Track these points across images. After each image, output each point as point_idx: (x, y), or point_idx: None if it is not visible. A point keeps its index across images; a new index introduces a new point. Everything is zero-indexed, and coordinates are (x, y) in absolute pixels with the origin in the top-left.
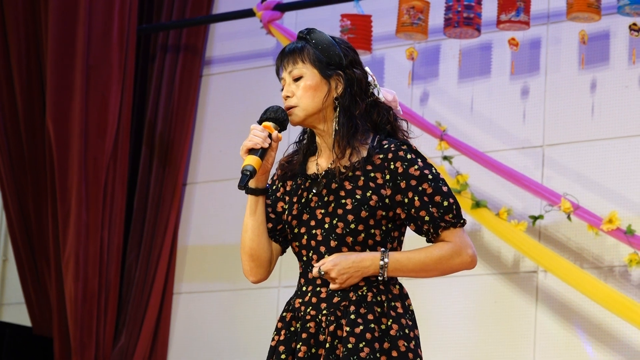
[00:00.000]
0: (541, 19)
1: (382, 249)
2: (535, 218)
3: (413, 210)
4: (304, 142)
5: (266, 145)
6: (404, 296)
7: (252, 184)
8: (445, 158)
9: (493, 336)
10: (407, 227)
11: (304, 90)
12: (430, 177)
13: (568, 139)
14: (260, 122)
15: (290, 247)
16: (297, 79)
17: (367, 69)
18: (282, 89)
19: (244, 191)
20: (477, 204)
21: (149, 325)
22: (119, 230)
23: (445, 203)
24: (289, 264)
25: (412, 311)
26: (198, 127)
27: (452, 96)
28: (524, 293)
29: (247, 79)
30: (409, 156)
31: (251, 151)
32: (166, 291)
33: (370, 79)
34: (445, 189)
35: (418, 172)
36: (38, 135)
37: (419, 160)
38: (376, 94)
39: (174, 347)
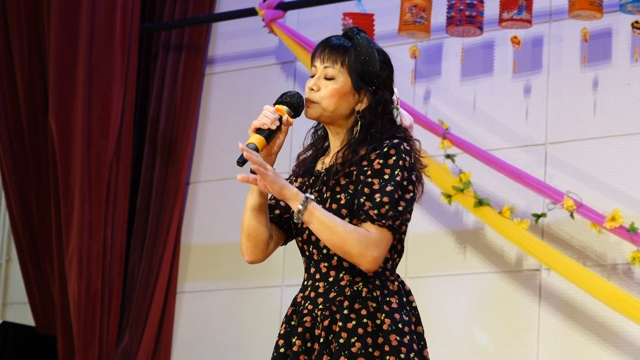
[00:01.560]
0: (543, 17)
1: (306, 195)
2: (538, 216)
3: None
4: (319, 137)
5: (274, 127)
6: (403, 293)
7: None
8: (447, 156)
9: (496, 334)
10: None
11: (331, 93)
12: (386, 177)
13: (571, 136)
14: (274, 104)
15: (295, 242)
16: (328, 79)
17: (395, 89)
18: (311, 77)
19: (240, 166)
20: (480, 202)
21: (152, 324)
22: (122, 229)
23: (378, 200)
24: (292, 263)
25: (415, 308)
26: (201, 125)
27: (454, 94)
28: (527, 291)
29: (250, 77)
30: (391, 152)
31: (258, 131)
32: (169, 290)
33: (394, 97)
34: (392, 195)
35: (379, 167)
36: (41, 134)
37: (392, 159)
38: (395, 114)
39: (177, 346)
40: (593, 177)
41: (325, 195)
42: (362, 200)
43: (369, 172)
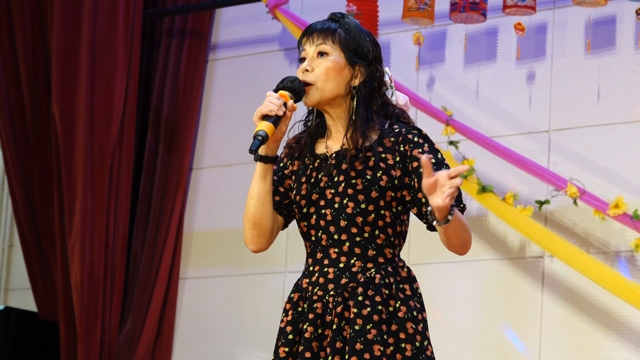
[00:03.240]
0: (547, 3)
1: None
2: (541, 203)
3: (415, 192)
4: (312, 122)
5: (280, 113)
6: (412, 279)
7: (262, 151)
8: (451, 143)
9: (499, 321)
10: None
11: (326, 69)
12: (433, 161)
13: (574, 123)
14: (276, 91)
15: (298, 227)
16: (321, 55)
17: (386, 69)
18: (301, 62)
19: (253, 156)
20: (483, 189)
21: (154, 310)
22: (125, 216)
23: None
24: (295, 249)
25: (420, 294)
26: (204, 112)
27: (458, 81)
28: (530, 278)
29: (253, 64)
30: (417, 139)
31: (265, 117)
32: (172, 276)
33: (387, 78)
34: None
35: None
36: (44, 121)
37: (426, 144)
38: (389, 95)
39: (179, 332)
40: (596, 164)
41: (337, 178)
42: None
43: (415, 164)
